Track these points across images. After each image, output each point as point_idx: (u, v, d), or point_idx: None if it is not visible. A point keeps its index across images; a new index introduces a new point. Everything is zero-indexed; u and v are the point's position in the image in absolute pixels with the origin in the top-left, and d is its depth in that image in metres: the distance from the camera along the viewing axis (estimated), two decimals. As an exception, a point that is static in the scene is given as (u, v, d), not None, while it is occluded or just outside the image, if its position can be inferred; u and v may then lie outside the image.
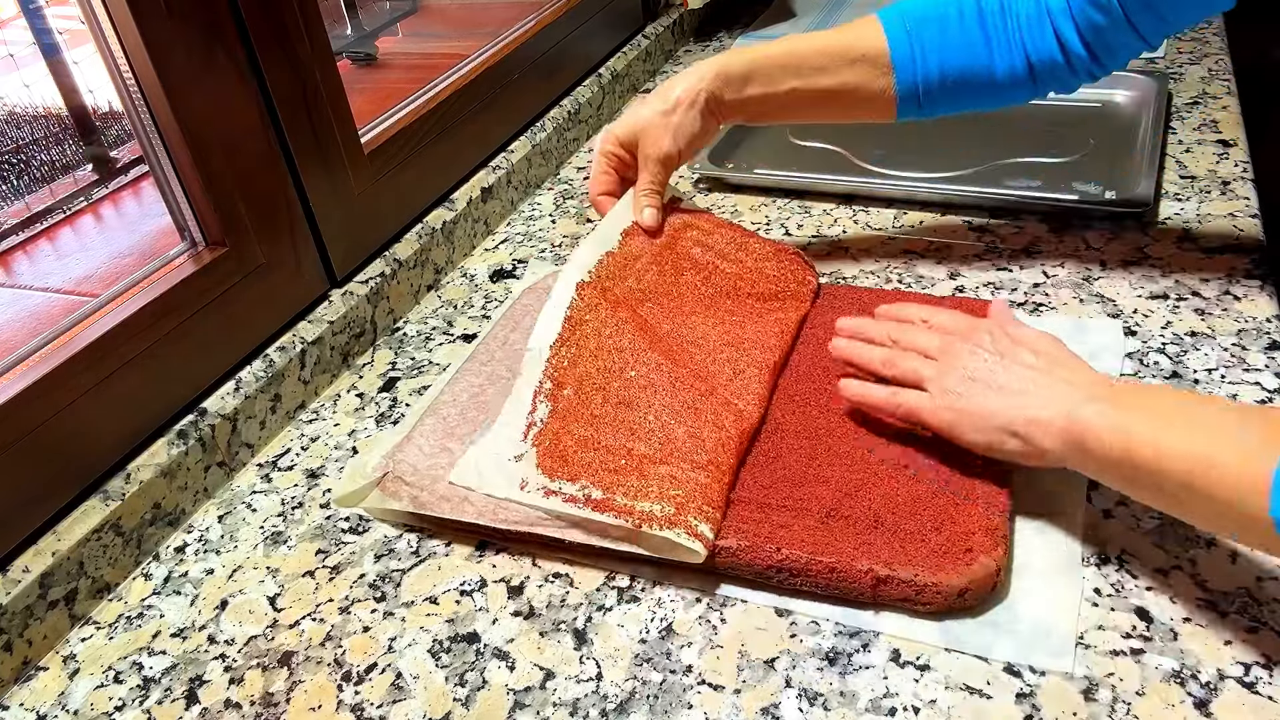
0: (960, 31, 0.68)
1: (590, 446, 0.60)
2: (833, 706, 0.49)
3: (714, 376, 0.65)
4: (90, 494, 0.61)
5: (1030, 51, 0.68)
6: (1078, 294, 0.76)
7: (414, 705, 0.52)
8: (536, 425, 0.61)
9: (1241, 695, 0.47)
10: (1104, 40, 0.66)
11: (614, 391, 0.63)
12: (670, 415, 0.61)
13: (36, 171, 0.89)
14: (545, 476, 0.58)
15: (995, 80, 0.69)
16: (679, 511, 0.55)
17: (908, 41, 0.69)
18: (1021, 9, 0.67)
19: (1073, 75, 0.69)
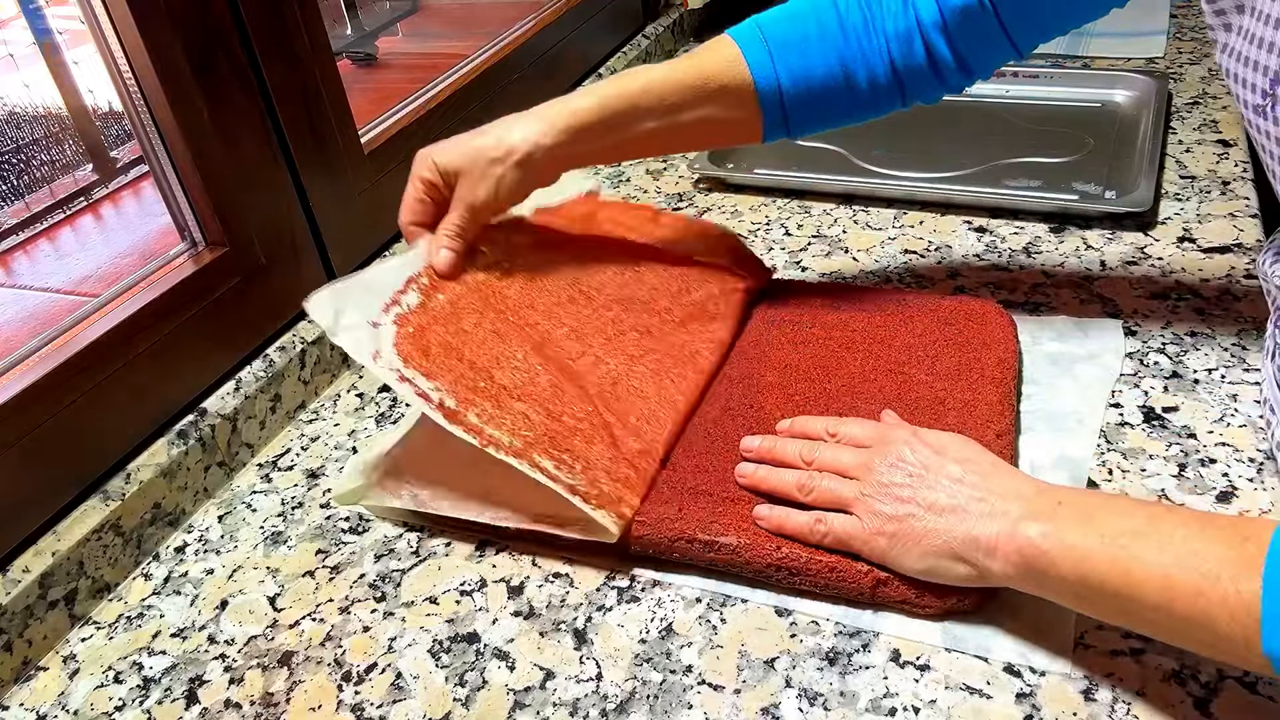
0: (821, 50, 0.64)
1: (453, 354, 0.59)
2: (833, 706, 0.49)
3: (591, 336, 0.65)
4: (90, 494, 0.61)
5: (897, 63, 0.64)
6: (1078, 294, 0.76)
7: (414, 705, 0.52)
8: (400, 307, 0.60)
9: (1241, 695, 0.47)
10: (975, 51, 0.64)
11: (488, 321, 0.62)
12: (539, 361, 0.61)
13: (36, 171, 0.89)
14: (400, 359, 0.57)
15: (859, 96, 0.65)
16: (526, 447, 0.56)
17: (770, 65, 0.64)
18: (888, 23, 0.63)
19: (940, 85, 0.66)
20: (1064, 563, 0.45)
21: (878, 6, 0.64)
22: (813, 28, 0.64)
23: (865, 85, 0.64)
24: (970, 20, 0.62)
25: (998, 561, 0.48)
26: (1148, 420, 0.63)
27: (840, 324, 0.71)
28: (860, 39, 0.64)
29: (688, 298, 0.72)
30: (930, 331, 0.69)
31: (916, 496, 0.51)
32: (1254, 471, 0.58)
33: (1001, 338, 0.67)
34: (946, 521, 0.50)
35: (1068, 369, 0.68)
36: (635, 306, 0.70)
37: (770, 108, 0.65)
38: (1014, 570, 0.47)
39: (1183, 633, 0.43)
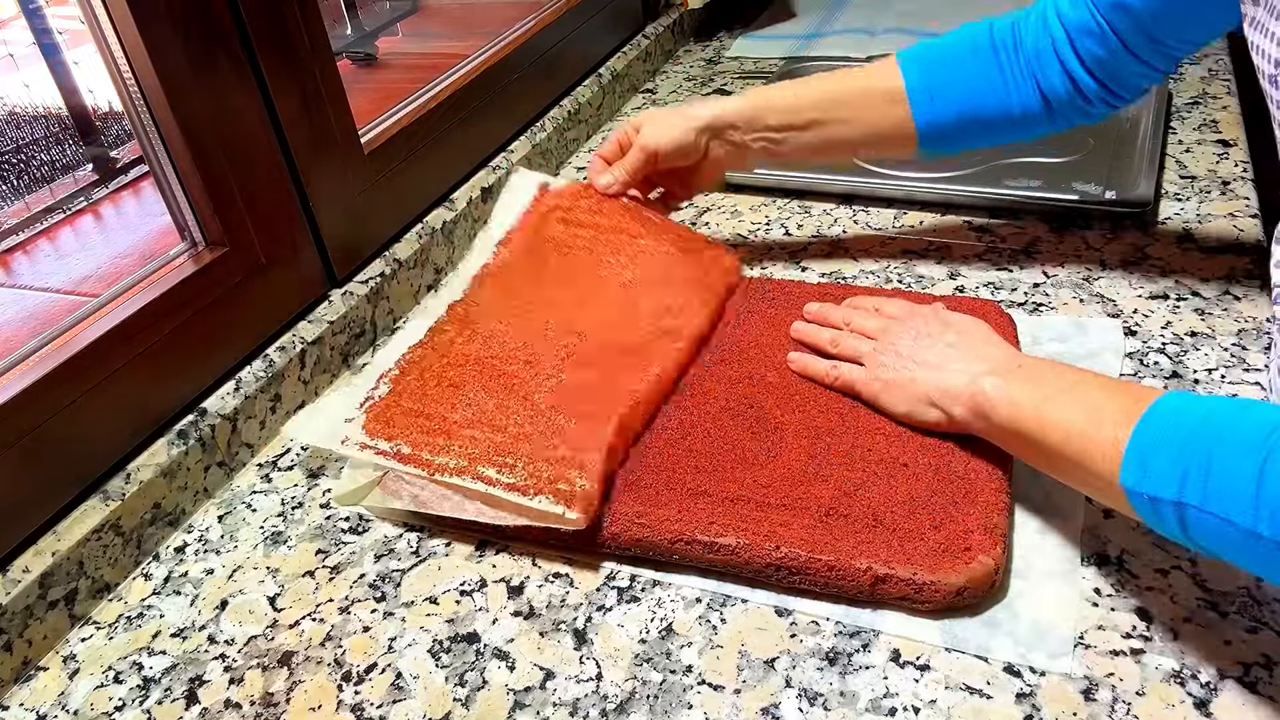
0: (975, 68, 0.71)
1: (413, 415, 0.65)
2: (833, 706, 0.49)
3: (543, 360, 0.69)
4: (90, 494, 0.61)
5: (1042, 84, 0.69)
6: (1078, 294, 0.76)
7: (414, 705, 0.52)
8: (373, 399, 0.66)
9: (1241, 695, 0.47)
10: (1110, 70, 0.67)
11: (448, 377, 0.68)
12: (485, 391, 0.66)
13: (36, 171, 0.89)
14: (366, 435, 0.64)
15: (1011, 116, 0.71)
16: (470, 463, 0.60)
17: (924, 81, 0.71)
18: (1030, 41, 0.69)
19: (1089, 105, 0.69)
20: (1002, 409, 0.54)
21: (1024, 24, 0.70)
22: (965, 46, 0.72)
23: (1016, 103, 0.70)
24: (1093, 39, 0.66)
25: (959, 407, 0.57)
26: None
27: None
28: (1009, 58, 0.70)
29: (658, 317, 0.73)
30: None
31: (913, 355, 0.62)
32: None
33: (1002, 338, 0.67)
34: (929, 374, 0.60)
35: (1068, 369, 0.68)
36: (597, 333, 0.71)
37: (924, 120, 0.72)
38: (968, 414, 0.57)
39: (1072, 472, 0.50)
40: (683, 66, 1.31)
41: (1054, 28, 0.68)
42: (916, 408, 0.60)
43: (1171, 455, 0.44)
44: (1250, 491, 0.40)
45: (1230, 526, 0.41)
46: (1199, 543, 0.44)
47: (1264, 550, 0.40)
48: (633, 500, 0.58)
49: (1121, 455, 0.45)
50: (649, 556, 0.57)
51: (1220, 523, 0.41)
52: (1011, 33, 0.70)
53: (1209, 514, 0.42)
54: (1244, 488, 0.40)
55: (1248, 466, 0.40)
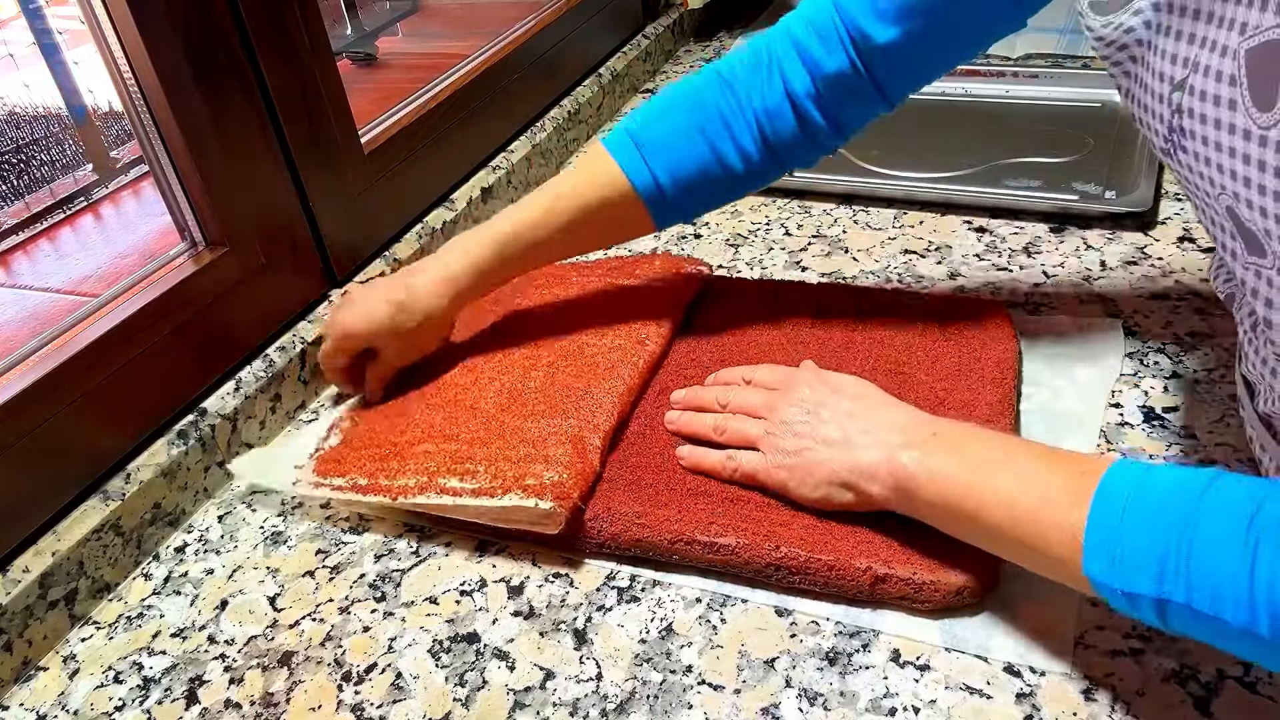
0: (689, 142, 0.64)
1: (363, 448, 0.66)
2: (833, 706, 0.49)
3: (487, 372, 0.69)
4: (90, 494, 0.61)
5: (769, 137, 0.64)
6: (1078, 294, 0.76)
7: (414, 705, 0.52)
8: (323, 449, 0.67)
9: (1241, 695, 0.47)
10: (848, 110, 0.63)
11: (396, 412, 0.69)
12: (429, 408, 0.67)
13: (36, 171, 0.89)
14: (317, 476, 0.64)
15: (737, 175, 0.65)
16: (430, 478, 0.60)
17: (645, 167, 0.65)
18: (755, 99, 0.63)
19: (815, 148, 0.66)
20: (929, 485, 0.50)
21: (742, 87, 0.64)
22: (680, 120, 0.65)
23: (741, 165, 0.65)
24: (844, 85, 0.62)
25: (876, 485, 0.52)
26: (1148, 420, 0.63)
27: (840, 324, 0.71)
28: (728, 121, 0.64)
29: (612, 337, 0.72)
30: (930, 331, 0.69)
31: (812, 432, 0.56)
32: (1254, 472, 0.58)
33: (1001, 337, 0.67)
34: (836, 452, 0.54)
35: (1067, 369, 0.68)
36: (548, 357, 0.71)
37: (655, 204, 0.67)
38: (889, 492, 0.52)
39: (1023, 554, 0.46)
40: (683, 66, 1.31)
41: (794, 79, 0.62)
42: (829, 491, 0.54)
43: (1143, 545, 0.40)
44: (1243, 588, 0.37)
45: (1222, 624, 0.38)
46: (1183, 633, 0.41)
47: (1265, 648, 0.37)
48: (633, 500, 0.58)
49: (1081, 541, 0.42)
50: (649, 557, 0.57)
51: (1210, 620, 0.38)
52: (727, 96, 0.64)
53: (1197, 611, 0.38)
54: (1236, 584, 0.37)
55: (1235, 560, 0.37)
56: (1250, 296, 0.47)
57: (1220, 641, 0.39)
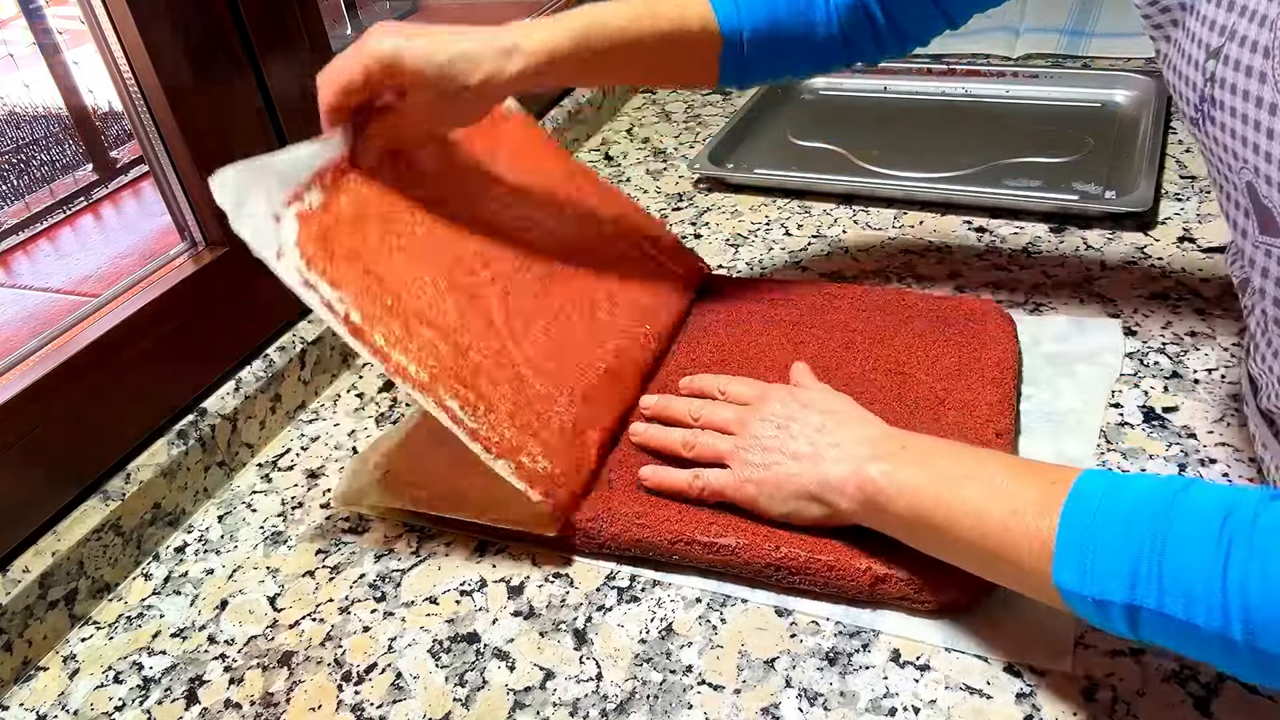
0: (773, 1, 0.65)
1: (358, 264, 0.56)
2: (833, 706, 0.49)
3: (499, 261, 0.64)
4: (90, 494, 0.61)
5: (844, 17, 0.66)
6: (1078, 294, 0.76)
7: (414, 705, 0.52)
8: (303, 203, 0.56)
9: (1241, 695, 0.47)
10: (907, 15, 0.66)
11: (394, 236, 0.59)
12: (447, 286, 0.59)
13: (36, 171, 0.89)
14: (303, 260, 0.54)
15: (812, 47, 0.67)
16: (433, 381, 0.54)
17: (735, 14, 0.65)
18: None
19: (878, 47, 0.68)
20: (899, 499, 0.49)
21: None
22: None
23: (819, 36, 0.66)
24: None
25: (845, 499, 0.52)
26: (1148, 420, 0.63)
27: (840, 324, 0.71)
28: None
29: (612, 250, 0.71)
30: (930, 331, 0.69)
31: (781, 446, 0.55)
32: (1254, 472, 0.58)
33: (1001, 337, 0.67)
34: (804, 466, 0.54)
35: (1068, 369, 0.68)
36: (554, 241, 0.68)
37: (730, 53, 0.66)
38: (858, 506, 0.51)
39: (993, 566, 0.46)
40: (683, 66, 1.30)
41: None
42: (798, 506, 0.54)
43: (1114, 551, 0.40)
44: (1216, 591, 0.36)
45: (1194, 629, 0.37)
46: (1153, 641, 0.40)
47: (1238, 654, 0.37)
48: (633, 500, 0.58)
49: (1051, 550, 0.41)
50: (649, 557, 0.57)
51: (1182, 625, 0.37)
52: None
53: (1169, 617, 0.38)
54: (1208, 587, 0.36)
55: (1208, 563, 0.37)
56: (1260, 277, 0.47)
57: (1192, 649, 0.39)
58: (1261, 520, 0.37)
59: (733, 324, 0.73)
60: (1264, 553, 0.36)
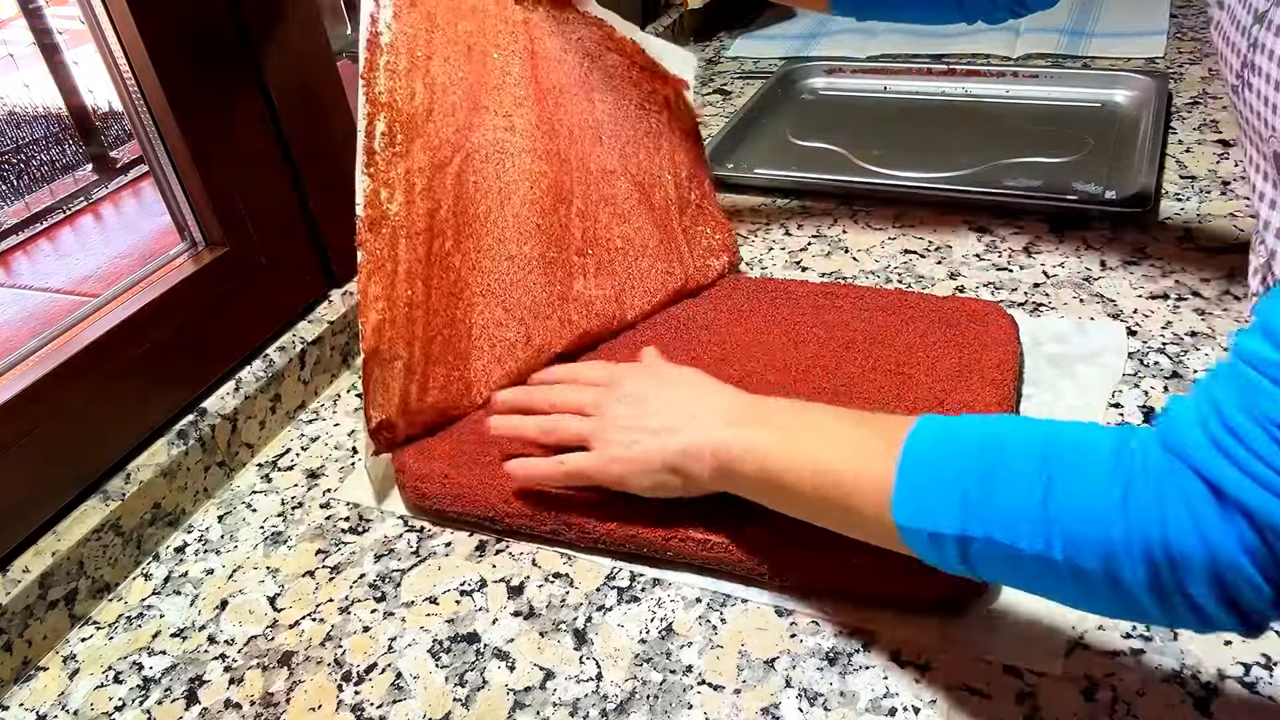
0: None
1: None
2: (833, 706, 0.49)
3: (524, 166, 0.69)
4: (90, 494, 0.61)
5: None
6: (1078, 294, 0.76)
7: (414, 705, 0.52)
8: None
9: (1241, 695, 0.47)
10: None
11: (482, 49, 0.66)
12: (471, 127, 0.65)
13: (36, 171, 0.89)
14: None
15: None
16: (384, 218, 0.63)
17: None
18: None
19: (994, 8, 0.71)
20: (748, 460, 0.50)
21: None
22: None
23: None
24: None
25: (701, 466, 0.52)
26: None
27: (841, 324, 0.71)
28: None
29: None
30: (931, 332, 0.69)
31: (640, 423, 0.55)
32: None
33: (1002, 338, 0.67)
34: (662, 440, 0.54)
35: (1068, 369, 0.68)
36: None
37: None
38: (713, 472, 0.52)
39: (841, 518, 0.47)
40: (683, 66, 1.31)
41: None
42: (660, 479, 0.54)
43: (947, 485, 0.41)
44: (1037, 514, 0.38)
45: (1019, 556, 0.38)
46: (983, 573, 0.42)
47: (1055, 572, 0.38)
48: (628, 496, 0.58)
49: (891, 491, 0.42)
50: (643, 553, 0.57)
51: (1008, 550, 0.39)
52: None
53: (996, 543, 0.39)
54: (1029, 511, 0.38)
55: (1029, 488, 0.38)
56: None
57: (1020, 576, 0.40)
58: (1081, 447, 0.39)
59: (734, 322, 0.73)
60: (1079, 475, 0.38)
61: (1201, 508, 0.35)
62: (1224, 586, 0.35)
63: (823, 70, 1.17)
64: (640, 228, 0.75)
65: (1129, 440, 0.38)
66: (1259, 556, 0.34)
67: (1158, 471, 0.36)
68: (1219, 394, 0.36)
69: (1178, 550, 0.35)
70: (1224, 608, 0.36)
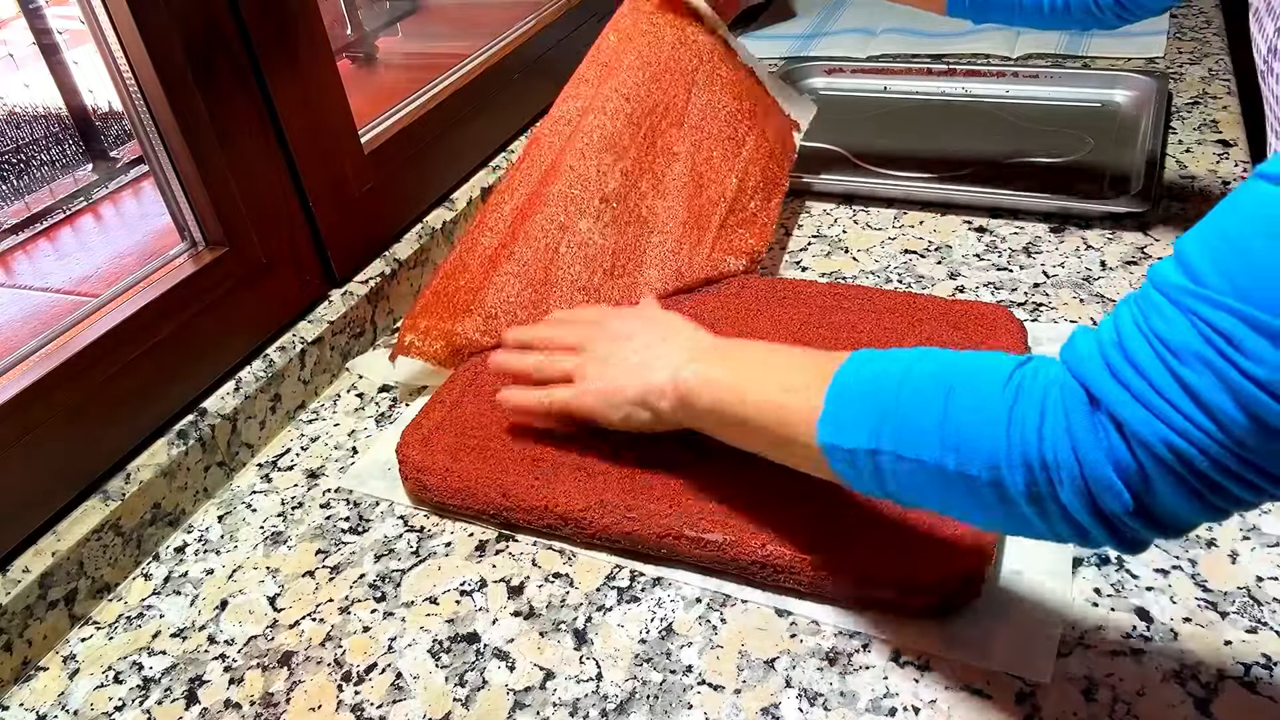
0: None
1: None
2: (833, 706, 0.49)
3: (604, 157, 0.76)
4: (90, 494, 0.61)
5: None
6: (1078, 294, 0.76)
7: (414, 705, 0.52)
8: None
9: (1241, 695, 0.47)
10: None
11: None
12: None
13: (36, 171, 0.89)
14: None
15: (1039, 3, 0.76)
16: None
17: None
18: None
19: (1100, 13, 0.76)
20: (705, 394, 0.53)
21: None
22: None
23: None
24: None
25: (665, 401, 0.56)
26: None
27: (848, 325, 0.71)
28: None
29: None
30: (939, 335, 0.69)
31: (618, 360, 0.59)
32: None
33: (1010, 344, 0.67)
34: (634, 375, 0.58)
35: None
36: None
37: None
38: (675, 407, 0.55)
39: (780, 446, 0.49)
40: (683, 66, 1.30)
41: None
42: (630, 412, 0.58)
43: (863, 405, 0.44)
44: (936, 426, 0.41)
45: (919, 466, 0.41)
46: (895, 491, 0.44)
47: (950, 484, 0.41)
48: (625, 494, 0.59)
49: (820, 416, 0.45)
50: (639, 550, 0.57)
51: (912, 464, 0.42)
52: None
53: (901, 457, 0.42)
54: (929, 425, 0.41)
55: (932, 404, 0.41)
56: None
57: (921, 491, 0.43)
58: (982, 368, 0.41)
59: (742, 320, 0.73)
60: (974, 391, 0.41)
61: (1076, 416, 0.37)
62: (1090, 495, 0.37)
63: (823, 70, 1.17)
64: (671, 207, 0.78)
65: (1027, 360, 0.41)
66: (1124, 466, 0.36)
67: (1045, 383, 0.39)
68: (1122, 312, 0.38)
69: (1050, 456, 0.37)
70: (1093, 517, 0.37)
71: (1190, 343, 0.34)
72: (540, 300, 0.73)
